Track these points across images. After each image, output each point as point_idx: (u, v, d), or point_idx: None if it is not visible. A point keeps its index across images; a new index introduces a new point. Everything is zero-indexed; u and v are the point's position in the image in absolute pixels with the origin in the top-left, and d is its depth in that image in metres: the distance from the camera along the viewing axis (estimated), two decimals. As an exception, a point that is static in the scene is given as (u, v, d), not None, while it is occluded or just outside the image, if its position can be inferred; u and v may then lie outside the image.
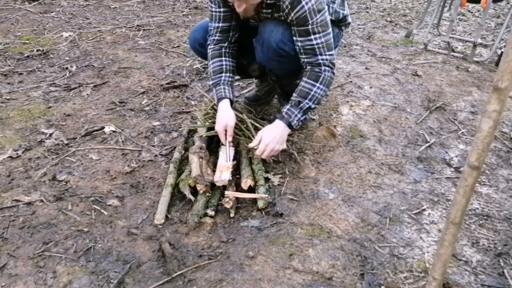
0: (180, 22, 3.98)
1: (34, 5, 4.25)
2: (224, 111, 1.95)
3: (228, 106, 1.97)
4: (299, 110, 1.89)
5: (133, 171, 1.94)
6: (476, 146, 0.96)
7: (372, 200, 1.81)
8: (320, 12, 1.78)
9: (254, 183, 1.79)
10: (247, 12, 1.81)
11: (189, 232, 1.61)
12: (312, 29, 1.80)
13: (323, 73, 1.87)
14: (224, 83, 2.01)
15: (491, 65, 3.23)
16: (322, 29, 1.82)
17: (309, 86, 1.88)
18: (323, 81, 1.88)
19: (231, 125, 1.92)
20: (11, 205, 1.71)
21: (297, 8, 1.75)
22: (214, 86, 2.03)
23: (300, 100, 1.88)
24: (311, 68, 1.89)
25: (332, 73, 1.91)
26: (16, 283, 1.38)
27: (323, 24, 1.81)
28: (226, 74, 2.03)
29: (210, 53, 2.06)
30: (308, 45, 1.84)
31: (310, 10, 1.76)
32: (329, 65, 1.89)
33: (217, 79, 2.02)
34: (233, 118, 1.94)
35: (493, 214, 1.76)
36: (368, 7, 4.73)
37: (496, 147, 2.23)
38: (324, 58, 1.86)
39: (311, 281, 1.42)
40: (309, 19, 1.77)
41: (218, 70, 2.03)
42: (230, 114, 1.94)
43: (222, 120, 1.93)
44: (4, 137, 2.15)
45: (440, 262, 1.15)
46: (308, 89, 1.88)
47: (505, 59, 0.86)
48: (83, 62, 3.02)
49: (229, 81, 2.03)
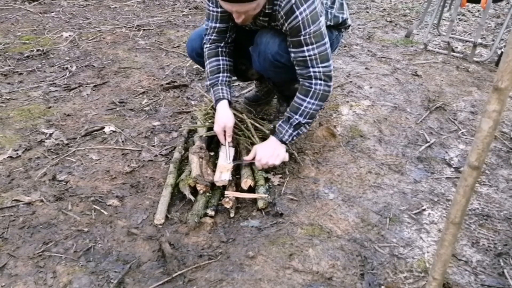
0: (180, 22, 3.98)
1: (34, 5, 4.25)
2: (223, 112, 1.93)
3: (227, 107, 1.94)
4: (289, 125, 1.85)
5: (133, 171, 1.94)
6: (476, 146, 0.96)
7: (372, 200, 1.81)
8: (314, 23, 1.72)
9: (254, 183, 1.79)
10: (245, 21, 1.77)
11: (189, 232, 1.61)
12: (305, 39, 1.74)
13: (313, 87, 1.80)
14: (222, 83, 1.98)
15: (491, 65, 3.23)
16: (316, 40, 1.74)
17: (299, 101, 1.83)
18: (313, 95, 1.81)
19: (229, 125, 1.91)
20: (11, 205, 1.71)
21: (291, 18, 1.71)
22: (211, 87, 2.00)
23: (290, 116, 1.85)
24: (303, 82, 1.84)
25: (326, 85, 1.82)
26: (16, 283, 1.38)
27: (317, 35, 1.74)
28: (223, 74, 2.00)
29: (207, 53, 2.03)
30: (300, 57, 1.78)
31: (304, 20, 1.70)
32: (321, 77, 1.80)
33: (215, 80, 1.99)
34: (231, 118, 1.92)
35: (493, 214, 1.76)
36: (368, 7, 4.73)
37: (496, 147, 2.23)
38: (316, 70, 1.79)
39: (311, 281, 1.42)
40: (301, 30, 1.72)
41: (216, 70, 2.00)
42: (229, 115, 1.92)
43: (220, 121, 1.91)
44: (4, 137, 2.15)
45: (440, 262, 1.15)
46: (299, 104, 1.83)
47: (505, 59, 0.86)
48: (83, 62, 3.02)
49: (226, 81, 2.01)
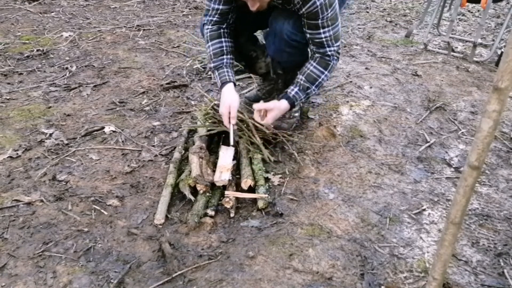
0: (180, 22, 3.97)
1: (34, 5, 4.25)
2: (228, 94, 1.93)
3: (233, 89, 1.96)
4: (305, 95, 1.99)
5: (133, 171, 1.94)
6: (476, 146, 0.96)
7: (372, 200, 1.81)
8: (331, 7, 1.82)
9: (254, 183, 1.79)
10: (260, 8, 1.81)
11: (189, 232, 1.61)
12: (322, 23, 1.84)
13: (331, 62, 1.96)
14: (226, 66, 2.00)
15: (491, 65, 3.22)
16: (332, 23, 1.86)
17: (318, 73, 1.95)
18: (331, 69, 1.98)
19: (234, 105, 1.90)
20: (11, 205, 1.71)
21: (309, 4, 1.78)
22: (216, 69, 2.00)
23: (309, 86, 1.97)
24: (321, 56, 1.95)
25: (338, 60, 2.01)
26: (16, 283, 1.38)
27: (332, 17, 1.85)
28: (227, 56, 2.01)
29: (208, 34, 2.03)
30: (317, 38, 1.90)
31: (322, 5, 1.79)
32: (336, 55, 1.97)
33: (219, 62, 2.00)
34: (237, 100, 1.93)
35: (493, 214, 1.76)
36: (368, 7, 4.73)
37: (496, 147, 2.23)
38: (332, 49, 1.93)
39: (311, 281, 1.42)
40: (319, 15, 1.81)
41: (219, 53, 2.00)
42: (234, 96, 1.93)
43: (226, 102, 1.91)
44: (4, 137, 2.15)
45: (440, 262, 1.15)
46: (317, 75, 1.95)
47: (505, 59, 0.86)
48: (83, 62, 3.02)
49: (231, 64, 2.02)
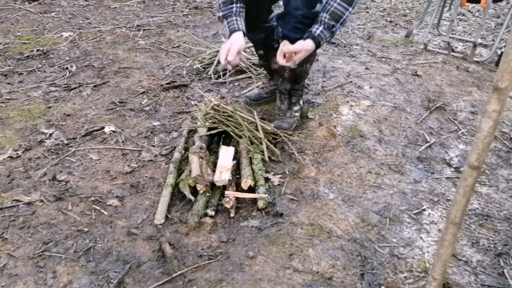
0: (180, 22, 3.97)
1: (34, 5, 4.25)
2: (234, 37, 1.84)
3: (241, 36, 1.86)
4: (330, 33, 1.87)
5: (133, 171, 1.94)
6: (476, 146, 0.96)
7: (372, 200, 1.81)
8: None
9: (254, 183, 1.79)
10: None
11: (189, 232, 1.61)
12: None
13: None
14: (236, 14, 1.89)
15: (491, 65, 3.22)
16: None
17: (342, 10, 1.83)
18: (355, 5, 1.85)
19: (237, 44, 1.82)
20: (11, 205, 1.71)
21: None
22: (225, 18, 1.90)
23: (334, 24, 1.85)
24: None
25: None
26: (16, 283, 1.38)
27: None
28: (237, 4, 1.89)
29: None
30: None
31: None
32: None
33: (228, 11, 1.89)
34: (242, 42, 1.84)
35: (493, 214, 1.76)
36: (368, 7, 4.73)
37: (496, 147, 2.23)
38: None
39: (311, 281, 1.42)
40: None
41: (228, 1, 1.89)
42: (241, 39, 1.85)
43: (229, 41, 1.83)
44: (4, 137, 2.15)
45: (440, 262, 1.15)
46: (341, 12, 1.83)
47: (505, 59, 0.86)
48: (83, 62, 3.02)
49: (240, 12, 1.91)
